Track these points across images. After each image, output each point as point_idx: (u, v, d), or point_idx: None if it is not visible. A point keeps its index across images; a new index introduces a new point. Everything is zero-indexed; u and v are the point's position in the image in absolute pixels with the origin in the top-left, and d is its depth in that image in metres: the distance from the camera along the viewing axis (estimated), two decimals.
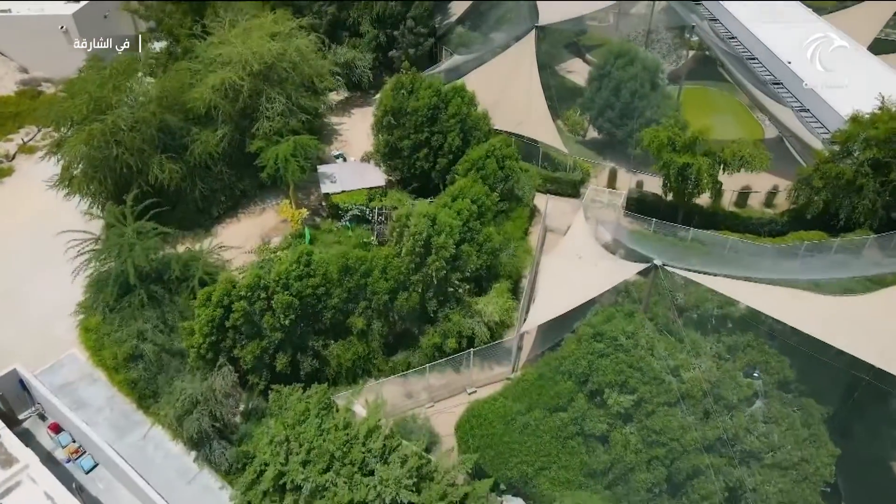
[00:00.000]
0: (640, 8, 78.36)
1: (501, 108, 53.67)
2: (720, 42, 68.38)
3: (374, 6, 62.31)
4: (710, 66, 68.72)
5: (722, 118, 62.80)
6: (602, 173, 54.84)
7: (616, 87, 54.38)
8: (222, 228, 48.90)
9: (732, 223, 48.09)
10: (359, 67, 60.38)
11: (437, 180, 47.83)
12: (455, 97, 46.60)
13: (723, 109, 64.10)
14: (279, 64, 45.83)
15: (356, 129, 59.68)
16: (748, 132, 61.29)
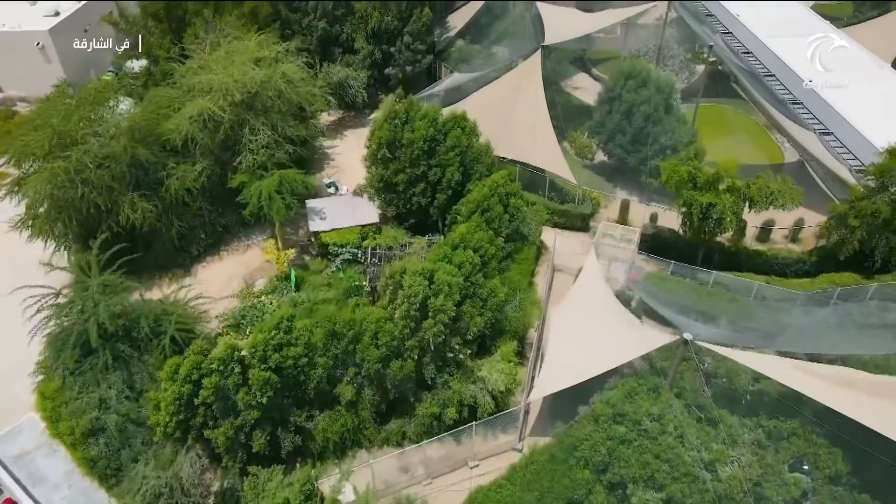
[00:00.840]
0: (648, 19, 73.59)
1: (505, 132, 48.97)
2: (734, 57, 63.62)
3: (369, 21, 57.44)
4: (724, 81, 63.81)
5: (738, 139, 58.07)
6: (613, 203, 50.14)
7: (628, 111, 49.64)
8: (203, 268, 44.23)
9: (756, 262, 43.45)
10: (353, 87, 55.46)
11: (435, 216, 43.09)
12: (454, 128, 41.83)
13: (739, 130, 59.34)
14: (263, 92, 40.94)
15: (350, 153, 54.91)
16: (766, 155, 56.61)
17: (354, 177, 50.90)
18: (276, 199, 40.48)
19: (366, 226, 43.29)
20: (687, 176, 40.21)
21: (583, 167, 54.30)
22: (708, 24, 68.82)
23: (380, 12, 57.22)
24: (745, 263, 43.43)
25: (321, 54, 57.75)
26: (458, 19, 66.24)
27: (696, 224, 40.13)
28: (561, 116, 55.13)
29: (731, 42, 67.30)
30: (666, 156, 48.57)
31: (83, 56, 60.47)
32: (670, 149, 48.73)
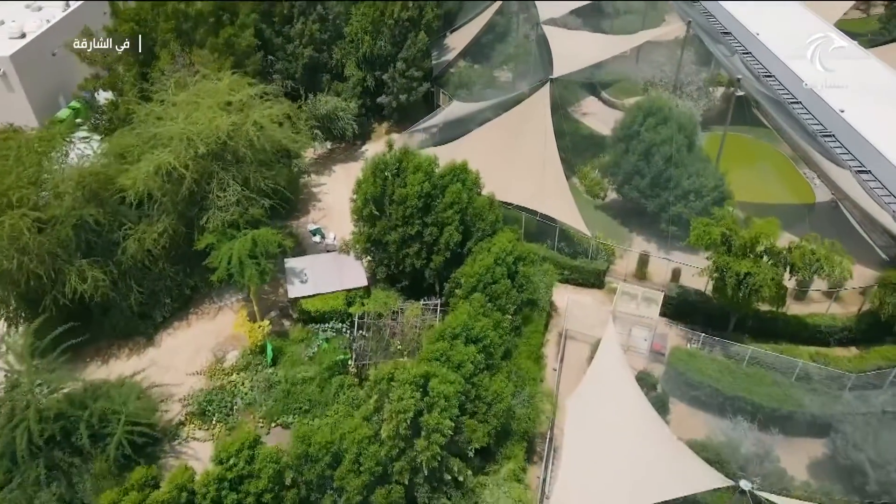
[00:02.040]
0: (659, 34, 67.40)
1: (511, 175, 42.87)
2: (755, 81, 57.27)
3: (360, 46, 51.11)
4: (745, 107, 57.39)
5: (763, 174, 51.80)
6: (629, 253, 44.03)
7: (646, 152, 43.39)
8: (168, 336, 38.11)
9: (795, 330, 37.33)
10: (341, 119, 49.12)
11: (431, 279, 36.91)
12: (453, 181, 35.60)
13: (763, 163, 52.91)
14: (232, 142, 34.66)
15: (339, 191, 48.64)
16: (795, 192, 50.35)
17: (343, 220, 44.62)
18: (248, 264, 34.35)
19: (352, 290, 37.10)
20: (720, 238, 34.00)
21: (594, 208, 48.13)
22: (725, 43, 62.43)
23: (372, 36, 50.88)
24: (784, 330, 37.46)
25: (308, 82, 51.42)
26: (458, 40, 59.78)
27: (731, 293, 33.94)
28: (569, 148, 48.95)
29: (752, 63, 60.92)
30: (689, 201, 42.55)
31: (51, 82, 54.35)
32: (694, 194, 42.60)
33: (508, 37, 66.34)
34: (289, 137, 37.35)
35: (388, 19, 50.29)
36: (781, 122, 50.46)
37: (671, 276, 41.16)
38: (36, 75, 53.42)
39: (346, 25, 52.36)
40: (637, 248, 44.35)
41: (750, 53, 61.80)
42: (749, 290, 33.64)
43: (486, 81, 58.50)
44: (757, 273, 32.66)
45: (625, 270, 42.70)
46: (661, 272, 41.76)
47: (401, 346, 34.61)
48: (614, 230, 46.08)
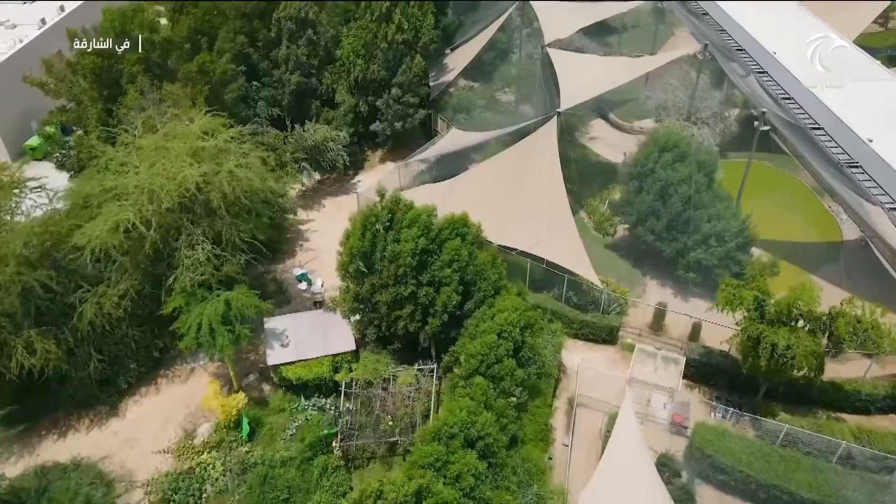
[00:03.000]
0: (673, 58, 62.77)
1: (515, 217, 38.53)
2: (773, 103, 52.60)
3: (352, 70, 46.44)
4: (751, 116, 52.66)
5: (784, 207, 47.01)
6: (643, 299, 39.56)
7: (662, 191, 38.80)
8: (134, 403, 33.69)
9: (833, 398, 32.84)
10: (331, 150, 44.47)
11: (427, 343, 32.36)
12: (452, 236, 31.03)
13: (783, 194, 48.20)
14: (202, 195, 30.05)
15: (329, 229, 44.08)
16: (819, 229, 45.70)
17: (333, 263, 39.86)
18: (220, 331, 29.77)
19: (339, 355, 32.58)
20: (753, 303, 29.41)
21: (604, 246, 43.56)
22: (739, 60, 57.71)
23: (364, 60, 46.21)
24: (819, 399, 32.98)
25: (296, 109, 46.79)
26: (458, 59, 55.07)
27: (765, 364, 29.38)
28: (576, 178, 44.35)
29: (768, 84, 56.21)
30: (710, 246, 37.92)
31: (22, 106, 49.71)
32: (715, 238, 38.01)
33: (511, 55, 61.72)
34: (267, 186, 32.51)
35: (381, 42, 45.64)
36: (802, 150, 45.88)
37: (691, 329, 36.57)
38: (6, 98, 48.81)
39: (336, 48, 47.65)
40: (652, 295, 39.91)
41: (766, 73, 57.09)
42: (785, 362, 29.07)
43: (487, 104, 53.89)
44: (797, 346, 28.05)
45: (639, 321, 38.17)
46: (679, 324, 37.25)
47: (392, 423, 30.11)
48: (626, 273, 41.55)
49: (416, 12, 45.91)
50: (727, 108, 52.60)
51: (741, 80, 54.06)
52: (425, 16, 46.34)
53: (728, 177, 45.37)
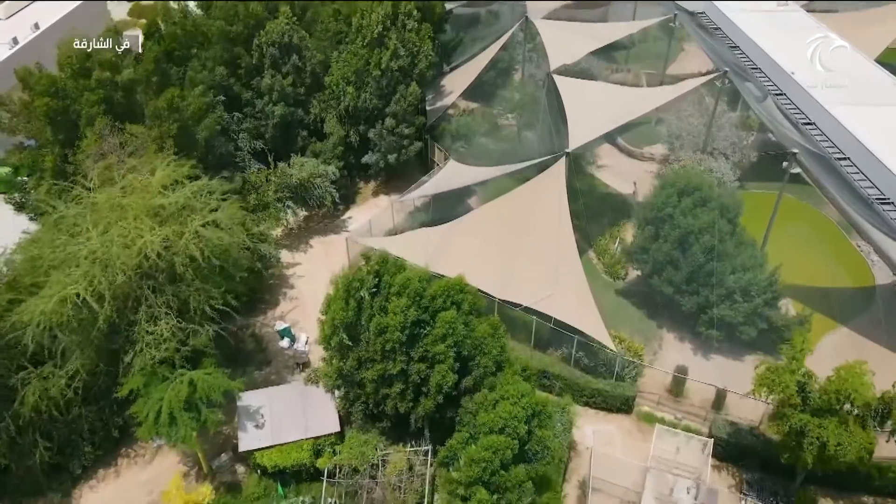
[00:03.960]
0: None
1: (519, 267, 34.12)
2: (793, 129, 48.15)
3: (342, 98, 41.97)
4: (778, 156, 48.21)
5: (808, 245, 42.51)
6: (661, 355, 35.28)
7: (682, 239, 34.34)
8: (90, 490, 29.53)
9: (880, 484, 28.49)
10: (319, 187, 40.03)
11: (419, 423, 27.96)
12: (447, 304, 26.59)
13: (807, 230, 43.69)
14: (164, 260, 25.63)
15: (316, 274, 39.84)
16: (849, 271, 41.34)
17: None
18: (182, 419, 25.39)
19: (321, 437, 28.23)
20: (795, 389, 24.99)
21: (615, 292, 39.18)
22: (755, 80, 53.18)
23: (355, 88, 41.73)
24: (863, 485, 28.57)
25: (281, 141, 42.36)
26: (458, 80, 50.61)
27: (811, 460, 24.97)
28: (584, 213, 39.93)
29: (787, 108, 51.72)
30: (735, 302, 33.45)
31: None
32: (741, 292, 33.52)
33: (513, 74, 57.27)
34: (241, 242, 28.08)
35: (374, 69, 41.14)
36: (827, 182, 41.44)
37: (715, 395, 32.19)
38: None
39: (325, 74, 43.16)
40: (669, 352, 35.64)
41: (784, 95, 52.55)
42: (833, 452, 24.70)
43: (487, 130, 49.36)
44: (849, 443, 23.64)
45: (657, 384, 33.80)
46: (701, 387, 32.84)
47: None
48: (640, 325, 37.23)
49: (413, 37, 41.41)
50: (744, 134, 47.90)
51: (757, 102, 49.53)
52: (422, 41, 41.84)
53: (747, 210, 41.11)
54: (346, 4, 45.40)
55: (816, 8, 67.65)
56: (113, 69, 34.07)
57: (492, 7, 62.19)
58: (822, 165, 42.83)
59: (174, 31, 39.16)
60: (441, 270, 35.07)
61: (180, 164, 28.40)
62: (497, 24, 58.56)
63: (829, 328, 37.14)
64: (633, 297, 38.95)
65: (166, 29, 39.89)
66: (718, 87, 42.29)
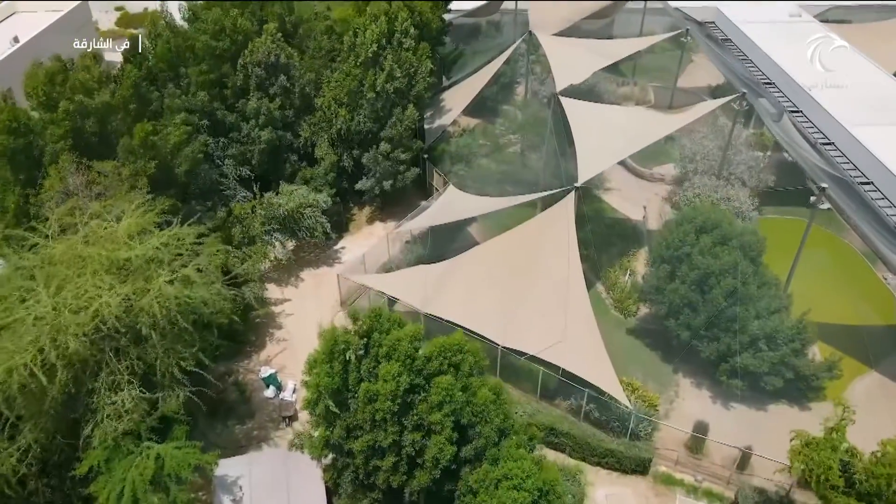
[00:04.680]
0: None
1: (524, 311, 30.94)
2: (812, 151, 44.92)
3: (334, 121, 38.74)
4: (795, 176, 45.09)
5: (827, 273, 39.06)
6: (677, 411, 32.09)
7: (700, 280, 31.07)
8: None
9: None
10: (309, 218, 36.82)
11: (414, 497, 24.74)
12: (444, 367, 23.38)
13: (828, 260, 40.41)
14: (126, 323, 22.43)
15: (306, 311, 36.81)
16: (873, 305, 38.19)
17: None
18: (148, 501, 22.16)
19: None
20: (837, 468, 21.75)
21: (626, 331, 36.00)
22: (769, 96, 49.91)
23: (348, 110, 38.48)
24: None
25: (270, 166, 39.14)
26: (457, 97, 47.43)
27: None
28: (591, 241, 36.68)
29: (804, 125, 48.43)
30: (759, 349, 30.21)
31: None
32: (766, 340, 30.27)
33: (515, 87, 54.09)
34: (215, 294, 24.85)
35: (368, 91, 37.87)
36: (848, 208, 38.22)
37: (738, 457, 28.99)
38: None
39: (317, 95, 39.91)
40: (687, 400, 32.48)
41: (801, 112, 49.30)
42: None
43: (489, 150, 46.12)
44: None
45: (675, 439, 30.59)
46: (723, 447, 29.60)
47: None
48: (654, 368, 34.09)
49: (411, 57, 38.11)
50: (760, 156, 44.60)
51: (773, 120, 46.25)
52: (420, 61, 38.54)
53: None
54: (341, 22, 42.05)
55: (830, 17, 64.43)
56: (87, 93, 30.81)
57: (493, 17, 58.92)
58: (844, 190, 39.67)
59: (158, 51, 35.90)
60: (438, 312, 32.10)
61: (150, 209, 25.10)
62: (499, 37, 55.32)
63: (859, 372, 34.03)
64: (646, 336, 35.73)
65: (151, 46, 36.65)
66: (736, 110, 38.77)
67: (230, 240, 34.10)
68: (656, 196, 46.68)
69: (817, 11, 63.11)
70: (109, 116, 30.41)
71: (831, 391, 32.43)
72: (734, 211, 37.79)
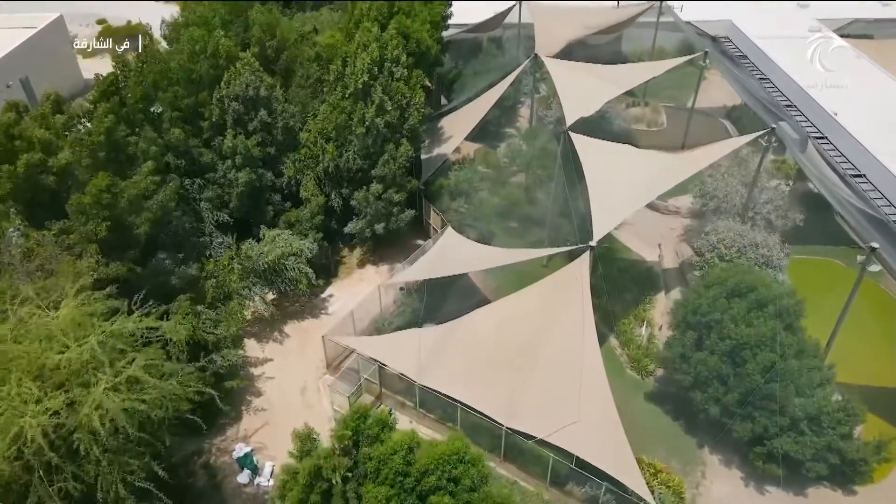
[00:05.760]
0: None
1: (531, 388, 26.60)
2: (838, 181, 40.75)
3: (320, 158, 34.40)
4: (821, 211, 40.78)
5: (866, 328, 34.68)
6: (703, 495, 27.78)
7: (733, 352, 26.74)
8: None
9: None
10: (291, 269, 32.48)
11: None
12: (441, 480, 19.15)
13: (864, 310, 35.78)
14: (46, 441, 18.11)
15: (289, 373, 32.66)
16: None
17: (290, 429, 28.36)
18: None
19: None
20: None
21: (644, 396, 31.81)
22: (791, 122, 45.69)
23: (336, 146, 34.10)
24: None
25: (250, 209, 34.79)
26: (457, 125, 43.04)
27: None
28: (604, 288, 32.38)
29: (829, 152, 44.19)
30: (801, 433, 26.00)
31: None
32: (807, 422, 26.01)
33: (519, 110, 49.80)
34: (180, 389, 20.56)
35: (357, 126, 33.50)
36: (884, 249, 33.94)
37: None
38: None
39: (301, 130, 35.54)
40: (715, 483, 28.14)
41: (826, 139, 45.03)
42: None
43: (490, 182, 41.76)
44: None
45: None
46: None
47: None
48: (676, 442, 29.92)
49: (402, 87, 33.73)
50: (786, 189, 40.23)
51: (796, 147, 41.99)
52: (414, 91, 34.17)
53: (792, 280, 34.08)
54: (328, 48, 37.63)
55: (851, 32, 60.04)
56: (44, 149, 26.49)
57: (494, 33, 54.48)
58: (878, 228, 35.44)
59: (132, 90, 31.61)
60: (435, 384, 27.97)
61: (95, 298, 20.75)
62: (501, 56, 50.90)
63: None
64: (667, 402, 31.50)
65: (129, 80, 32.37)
66: (764, 147, 34.41)
67: (202, 298, 29.78)
68: (672, 231, 42.50)
69: (838, 26, 58.78)
70: (67, 174, 26.05)
71: (879, 472, 28.29)
72: (763, 259, 33.42)
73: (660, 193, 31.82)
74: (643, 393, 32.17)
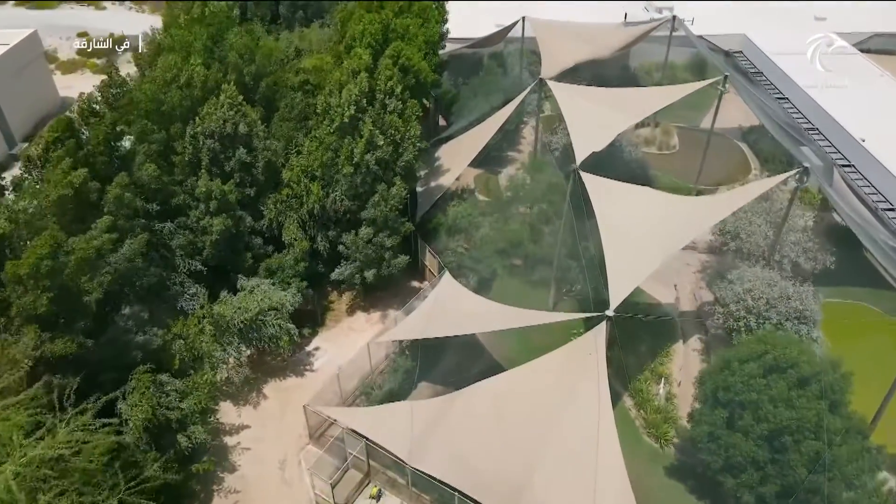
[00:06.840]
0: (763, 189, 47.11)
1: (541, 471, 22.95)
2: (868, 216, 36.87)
3: (305, 199, 30.38)
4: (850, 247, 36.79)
5: None
6: None
7: (771, 435, 22.83)
8: None
9: None
10: (270, 326, 28.52)
11: None
12: None
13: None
14: None
15: (268, 443, 28.98)
16: None
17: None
18: None
19: None
20: None
21: (663, 471, 28.03)
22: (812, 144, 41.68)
23: (322, 186, 30.09)
24: None
25: (226, 257, 30.79)
26: (457, 153, 39.09)
27: None
28: (617, 339, 28.44)
29: (857, 182, 40.40)
30: None
31: None
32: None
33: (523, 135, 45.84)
34: None
35: (344, 164, 29.49)
36: None
37: None
38: None
39: (284, 167, 31.56)
40: None
41: (853, 167, 41.11)
42: None
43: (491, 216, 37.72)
44: None
45: None
46: None
47: None
48: None
49: (396, 121, 29.73)
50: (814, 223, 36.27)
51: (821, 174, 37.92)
52: (408, 124, 30.16)
53: None
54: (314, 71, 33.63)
55: (871, 47, 56.06)
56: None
57: (496, 48, 50.42)
58: None
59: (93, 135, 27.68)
60: (429, 468, 24.14)
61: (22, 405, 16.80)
62: (502, 75, 46.87)
63: None
64: (689, 477, 27.60)
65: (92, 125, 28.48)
66: (796, 187, 30.45)
67: (168, 363, 25.89)
68: (688, 268, 38.65)
69: (857, 40, 54.79)
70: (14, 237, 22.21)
71: None
72: (795, 314, 29.49)
73: (682, 246, 27.80)
74: (662, 466, 28.26)
